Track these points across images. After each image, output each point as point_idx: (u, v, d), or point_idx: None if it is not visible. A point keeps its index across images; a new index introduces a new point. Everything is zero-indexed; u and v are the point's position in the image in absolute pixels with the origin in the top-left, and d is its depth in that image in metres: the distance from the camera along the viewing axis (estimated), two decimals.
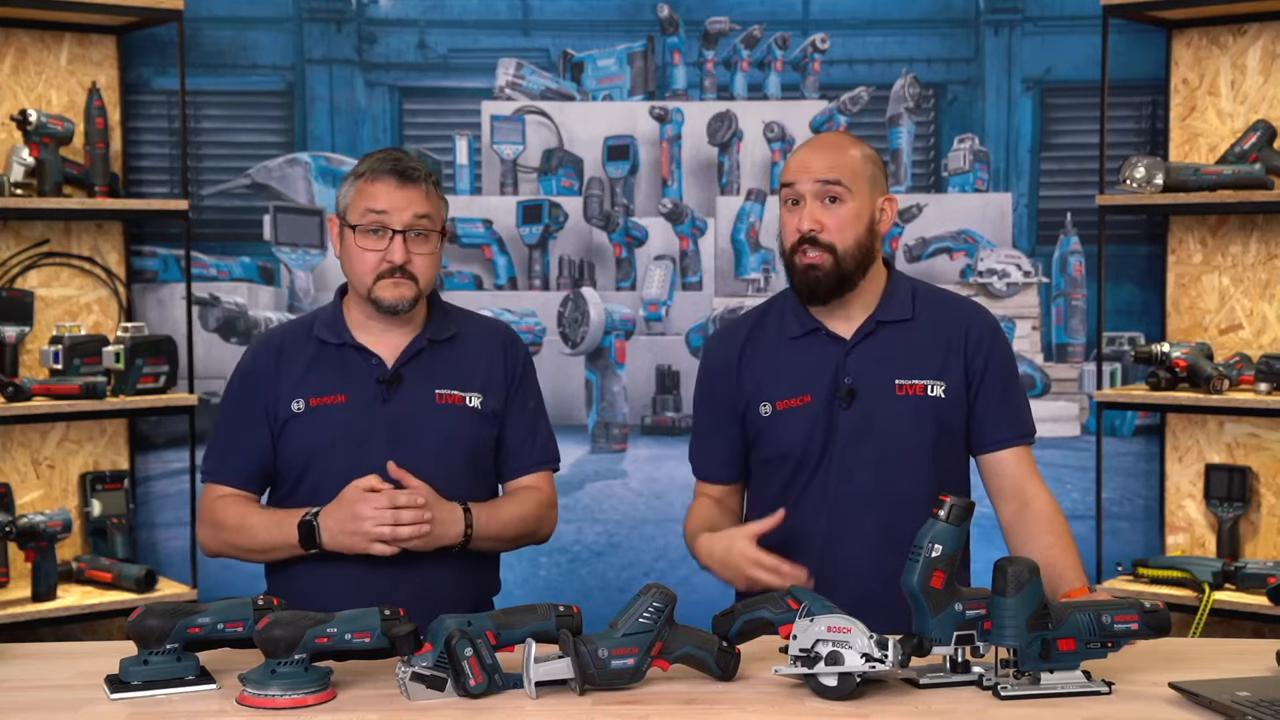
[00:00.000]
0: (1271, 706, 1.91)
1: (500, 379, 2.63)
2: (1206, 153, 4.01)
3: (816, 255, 2.47)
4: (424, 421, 2.55)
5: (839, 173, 2.48)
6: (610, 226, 4.29)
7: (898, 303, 2.56)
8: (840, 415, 2.51)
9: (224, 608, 2.12)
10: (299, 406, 2.55)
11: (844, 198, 2.47)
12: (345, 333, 2.59)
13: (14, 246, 3.89)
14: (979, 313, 2.62)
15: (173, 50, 3.94)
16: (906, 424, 2.50)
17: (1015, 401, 2.58)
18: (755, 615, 2.18)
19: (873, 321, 2.54)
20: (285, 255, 4.19)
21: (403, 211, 2.50)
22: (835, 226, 2.47)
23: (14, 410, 3.63)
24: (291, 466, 2.58)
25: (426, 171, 2.55)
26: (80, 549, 3.95)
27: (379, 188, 2.51)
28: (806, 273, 2.49)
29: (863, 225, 2.49)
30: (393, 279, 2.51)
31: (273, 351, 2.61)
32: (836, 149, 2.53)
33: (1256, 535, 3.96)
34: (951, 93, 4.24)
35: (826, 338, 2.55)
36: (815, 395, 2.52)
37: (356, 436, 2.53)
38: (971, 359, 2.54)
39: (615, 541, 4.27)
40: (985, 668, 2.10)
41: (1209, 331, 4.02)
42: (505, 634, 2.09)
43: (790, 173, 2.52)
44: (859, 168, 2.50)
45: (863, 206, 2.49)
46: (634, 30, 4.25)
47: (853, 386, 2.51)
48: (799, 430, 2.52)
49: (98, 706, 2.04)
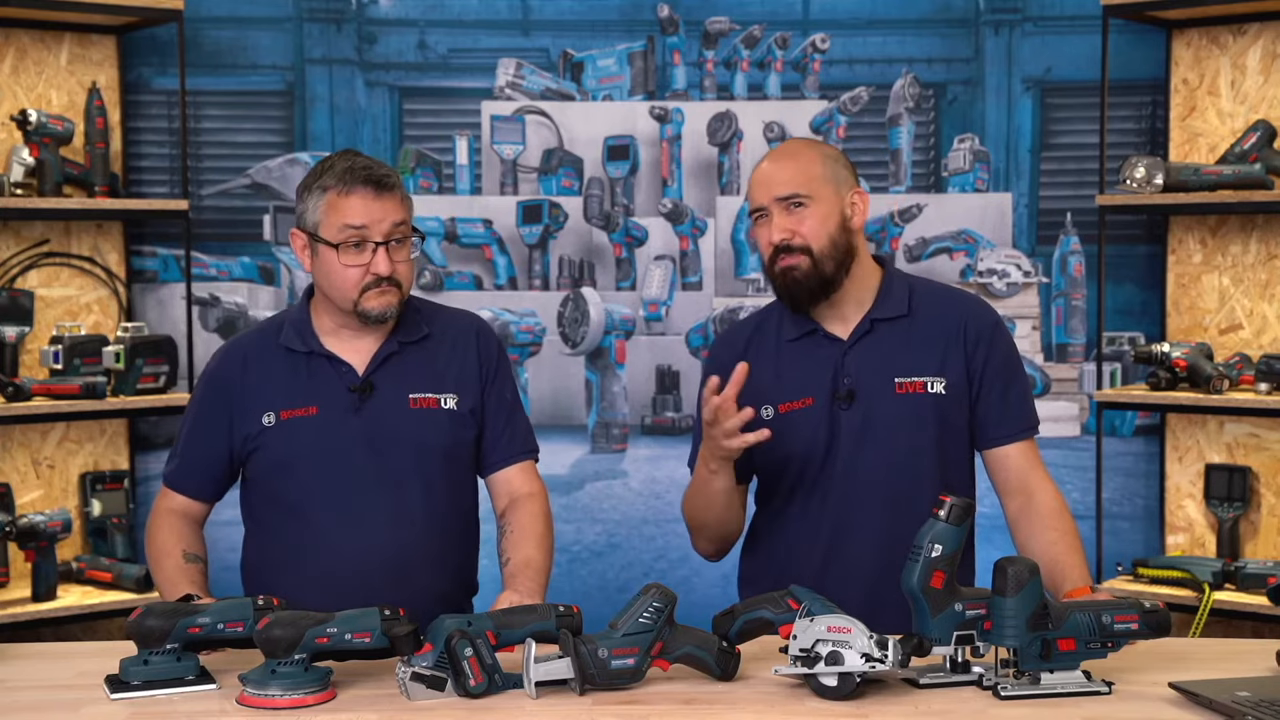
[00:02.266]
0: (1271, 706, 1.91)
1: (474, 374, 2.57)
2: (1206, 153, 4.01)
3: (793, 259, 2.48)
4: (398, 429, 2.49)
5: (797, 185, 2.49)
6: (610, 226, 4.29)
7: (894, 300, 2.55)
8: (842, 416, 2.51)
9: (224, 608, 2.12)
10: (269, 420, 2.49)
11: (807, 204, 2.49)
12: (313, 340, 2.52)
13: (14, 246, 3.90)
14: (979, 306, 2.62)
15: (173, 50, 3.95)
16: (907, 422, 2.50)
17: (1018, 395, 2.57)
18: (755, 615, 2.17)
19: (868, 320, 2.54)
20: (285, 255, 4.19)
21: (381, 223, 2.43)
22: (806, 230, 2.48)
23: (14, 410, 3.63)
24: (265, 481, 2.52)
25: (397, 175, 2.49)
26: (80, 549, 3.95)
27: (354, 201, 2.42)
28: (785, 276, 2.50)
29: (834, 223, 2.49)
30: (378, 289, 2.44)
31: (239, 361, 2.54)
32: (792, 159, 2.54)
33: (1256, 535, 3.96)
34: (951, 93, 4.25)
35: (824, 339, 2.55)
36: (817, 397, 2.52)
37: (330, 448, 2.47)
38: (972, 353, 2.53)
39: (615, 541, 4.27)
40: (985, 668, 2.10)
41: (1209, 331, 4.02)
42: (505, 634, 2.09)
43: (753, 194, 2.54)
44: (817, 171, 2.51)
45: (830, 206, 2.50)
46: (634, 30, 4.25)
47: (851, 387, 2.51)
48: (802, 433, 2.52)
49: (98, 706, 2.04)
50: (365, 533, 2.47)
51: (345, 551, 2.46)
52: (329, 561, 2.46)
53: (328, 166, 2.47)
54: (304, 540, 2.48)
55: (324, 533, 2.47)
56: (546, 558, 2.51)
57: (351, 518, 2.47)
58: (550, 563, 2.52)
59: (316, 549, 2.47)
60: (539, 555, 2.50)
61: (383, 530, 2.47)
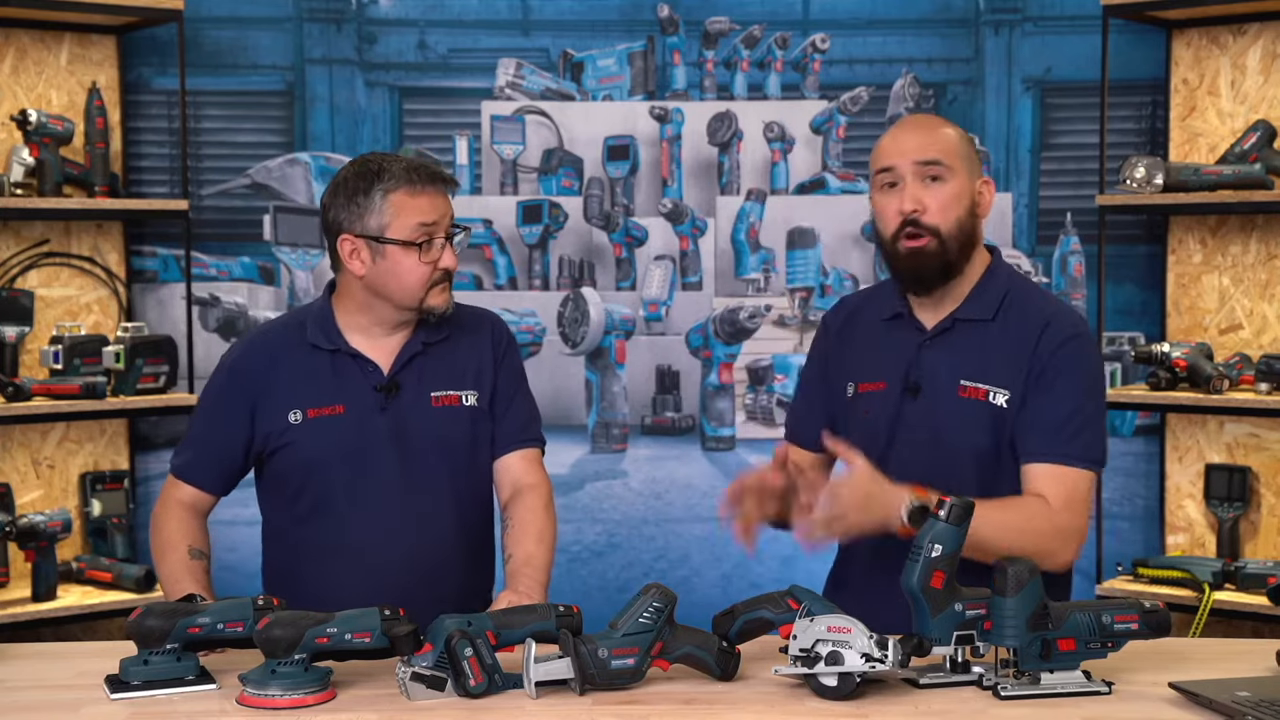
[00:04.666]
0: (1271, 706, 1.91)
1: (490, 367, 2.60)
2: (1206, 153, 4.01)
3: (920, 240, 2.37)
4: (423, 427, 2.52)
5: (938, 151, 2.38)
6: (610, 226, 4.29)
7: (984, 301, 2.44)
8: (907, 407, 2.45)
9: (224, 608, 2.12)
10: (296, 418, 2.50)
11: (945, 177, 2.37)
12: (339, 339, 2.53)
13: (14, 246, 3.90)
14: (1061, 321, 2.42)
15: (173, 50, 3.95)
16: (963, 426, 2.40)
17: (1062, 415, 2.36)
18: (755, 615, 2.17)
19: (951, 318, 2.44)
20: (285, 255, 4.19)
21: (445, 218, 2.49)
22: (938, 207, 2.36)
23: (14, 410, 3.63)
24: (291, 479, 2.54)
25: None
26: (80, 549, 3.95)
27: (424, 200, 2.46)
28: (911, 259, 2.38)
29: (964, 206, 2.39)
30: (442, 285, 2.49)
31: (265, 354, 2.55)
32: (931, 128, 2.43)
33: (1256, 535, 3.96)
34: (951, 93, 4.24)
35: (910, 325, 2.46)
36: (890, 383, 2.46)
37: (357, 447, 2.50)
38: (1032, 363, 2.39)
39: (615, 541, 4.27)
40: (985, 668, 2.10)
41: (1209, 331, 4.02)
42: (505, 634, 2.08)
43: (885, 155, 2.40)
44: (957, 146, 2.40)
45: (963, 187, 2.39)
46: (634, 30, 4.25)
47: (918, 381, 2.44)
48: (872, 416, 2.47)
49: (98, 706, 2.04)
50: (393, 530, 2.49)
51: (374, 548, 2.49)
52: (358, 558, 2.49)
53: (379, 169, 2.47)
54: (333, 538, 2.51)
55: (352, 530, 2.50)
56: (548, 553, 2.52)
57: (379, 516, 2.50)
58: (551, 557, 2.53)
59: (346, 547, 2.50)
60: (540, 551, 2.50)
61: (411, 528, 2.50)
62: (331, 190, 2.51)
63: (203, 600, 2.22)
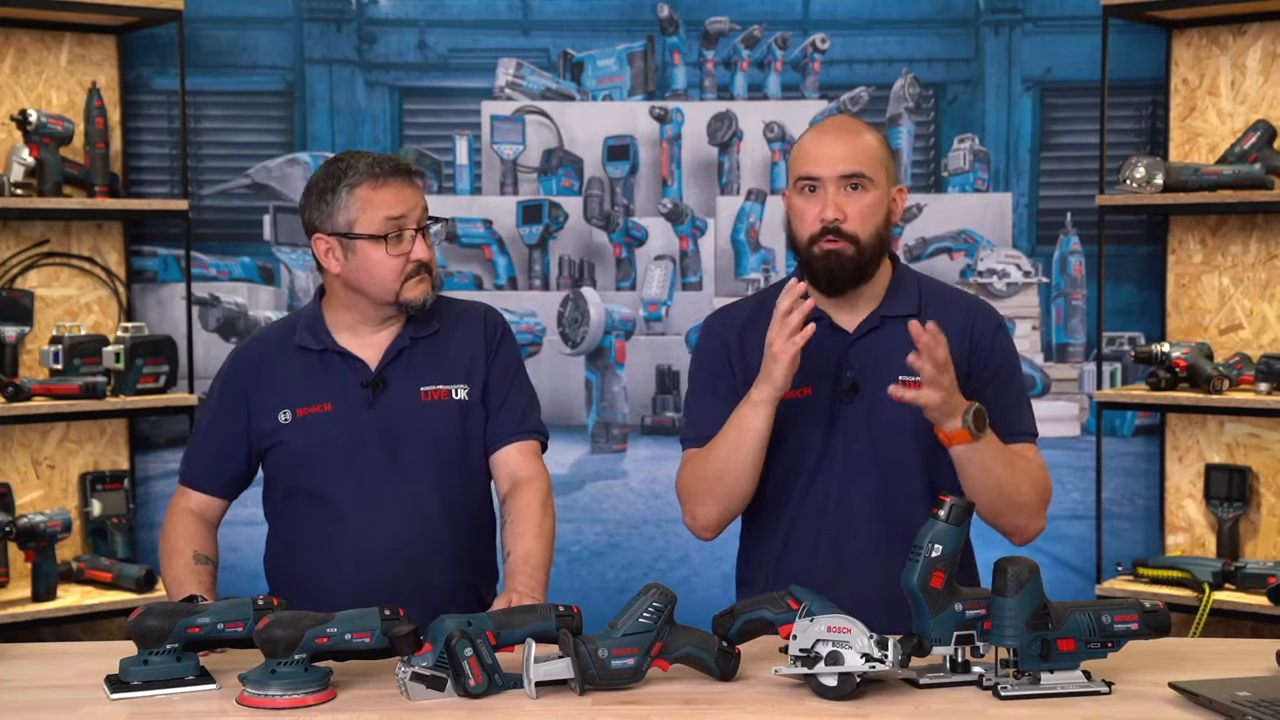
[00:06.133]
0: (1271, 706, 1.91)
1: (482, 359, 2.59)
2: (1206, 153, 4.01)
3: (839, 244, 2.42)
4: (412, 422, 2.53)
5: (861, 162, 2.43)
6: (610, 226, 4.29)
7: (904, 298, 2.52)
8: (843, 410, 2.49)
9: (224, 608, 2.12)
10: (285, 417, 2.53)
11: (866, 187, 2.43)
12: (327, 338, 2.55)
13: (14, 246, 3.90)
14: (984, 308, 2.58)
15: (173, 50, 3.95)
16: (910, 420, 2.44)
17: (1013, 399, 2.51)
18: (755, 615, 2.17)
19: (877, 316, 2.50)
20: (285, 255, 4.19)
21: (415, 209, 2.48)
22: (858, 216, 2.42)
23: (14, 410, 3.64)
24: (283, 477, 2.56)
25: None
26: (80, 549, 3.95)
27: (389, 193, 2.46)
28: (828, 259, 2.43)
29: (881, 215, 2.45)
30: (418, 277, 2.49)
31: (254, 361, 2.59)
32: (855, 135, 2.46)
33: (1256, 535, 3.96)
34: (951, 93, 4.25)
35: (829, 329, 2.49)
36: (817, 388, 2.49)
37: (345, 443, 2.51)
38: (971, 355, 2.49)
39: (615, 541, 4.27)
40: (985, 668, 2.10)
41: (1209, 331, 4.02)
42: (505, 634, 2.09)
43: (810, 163, 2.45)
44: (879, 156, 2.46)
45: (882, 195, 2.45)
46: (634, 30, 4.25)
47: (855, 380, 2.48)
48: (801, 423, 2.49)
49: (98, 706, 2.04)
50: (382, 525, 2.50)
51: (367, 541, 2.50)
52: (352, 550, 2.50)
53: (345, 167, 2.48)
54: (327, 530, 2.52)
55: (345, 521, 2.51)
56: (546, 549, 2.51)
57: (369, 510, 2.51)
58: (550, 553, 2.53)
59: (341, 539, 2.51)
60: (538, 547, 2.50)
61: (397, 519, 2.50)
62: (305, 192, 2.54)
63: (204, 601, 2.22)
